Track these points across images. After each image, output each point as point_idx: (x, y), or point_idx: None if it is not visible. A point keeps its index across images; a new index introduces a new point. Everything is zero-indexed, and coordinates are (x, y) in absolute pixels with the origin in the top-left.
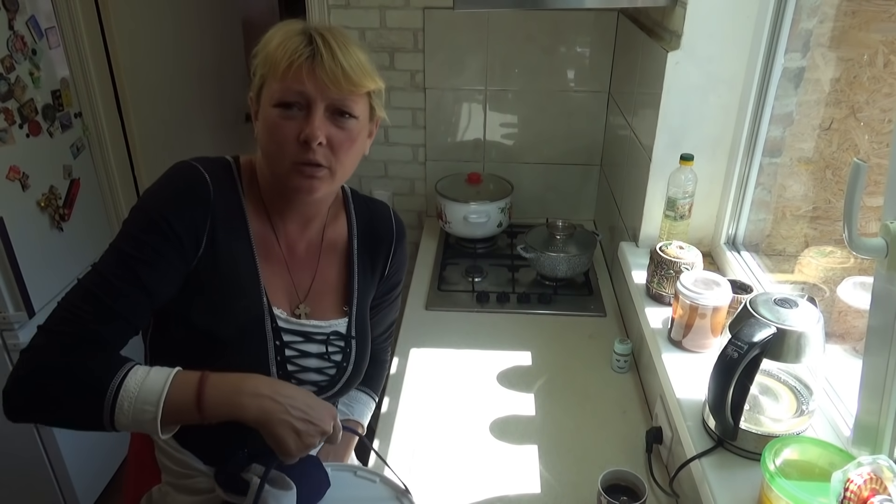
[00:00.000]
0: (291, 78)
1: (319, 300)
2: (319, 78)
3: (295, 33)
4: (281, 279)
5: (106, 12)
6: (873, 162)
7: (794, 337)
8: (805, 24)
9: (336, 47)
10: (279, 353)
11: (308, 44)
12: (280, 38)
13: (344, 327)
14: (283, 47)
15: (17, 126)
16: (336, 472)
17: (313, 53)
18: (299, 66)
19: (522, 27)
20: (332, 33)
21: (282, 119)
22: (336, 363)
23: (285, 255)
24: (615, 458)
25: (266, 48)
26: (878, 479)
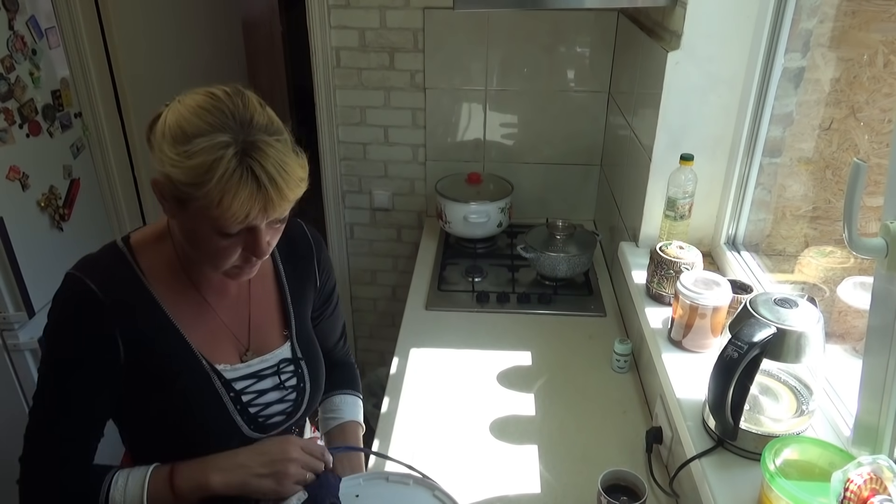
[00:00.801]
0: (240, 220)
1: (262, 334)
2: (269, 215)
3: (236, 172)
4: (218, 334)
5: (106, 12)
6: (873, 162)
7: (794, 337)
8: (805, 24)
9: (282, 183)
10: (237, 402)
11: (257, 189)
12: (221, 181)
13: (289, 351)
14: (231, 202)
15: (17, 126)
16: (368, 481)
17: (266, 201)
18: (250, 213)
19: (522, 27)
20: (277, 163)
21: (222, 241)
22: (293, 387)
23: (215, 308)
24: (615, 458)
25: (204, 184)
26: (878, 479)
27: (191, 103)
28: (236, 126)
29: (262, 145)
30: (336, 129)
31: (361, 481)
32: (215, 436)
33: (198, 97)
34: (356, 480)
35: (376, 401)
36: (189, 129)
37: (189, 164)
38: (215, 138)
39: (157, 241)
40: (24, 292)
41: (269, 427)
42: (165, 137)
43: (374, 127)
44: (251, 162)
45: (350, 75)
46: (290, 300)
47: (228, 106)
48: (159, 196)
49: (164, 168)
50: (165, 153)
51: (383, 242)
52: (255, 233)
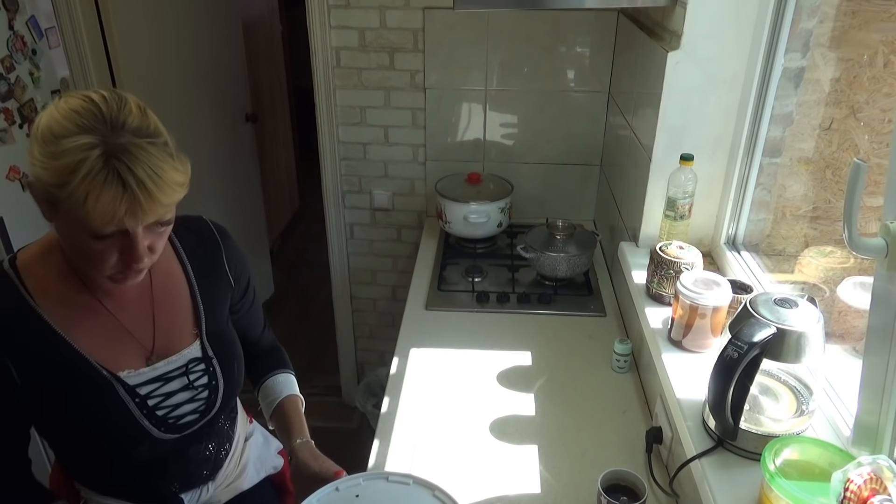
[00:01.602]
0: (108, 222)
1: (168, 335)
2: (139, 218)
3: (100, 174)
4: (119, 340)
5: (106, 12)
6: (873, 162)
7: (794, 337)
8: (805, 24)
9: (152, 186)
10: (142, 407)
11: (122, 190)
12: (84, 182)
13: (198, 350)
14: (95, 203)
15: (17, 126)
16: (368, 481)
17: (132, 203)
18: (115, 215)
19: (522, 27)
20: (147, 165)
21: (96, 244)
22: (204, 385)
23: (115, 313)
24: (615, 458)
25: (67, 185)
26: (878, 479)
27: (64, 106)
28: (105, 129)
29: (131, 148)
30: (336, 129)
31: (361, 481)
32: (125, 442)
33: (73, 100)
34: (356, 480)
35: (376, 401)
36: (57, 131)
37: (55, 165)
38: (81, 139)
39: (46, 255)
40: None
41: (182, 427)
42: (36, 139)
43: (374, 127)
44: (117, 164)
45: (350, 75)
46: (200, 297)
47: (102, 108)
48: (35, 198)
49: (34, 170)
50: (34, 154)
51: (383, 242)
52: (130, 236)
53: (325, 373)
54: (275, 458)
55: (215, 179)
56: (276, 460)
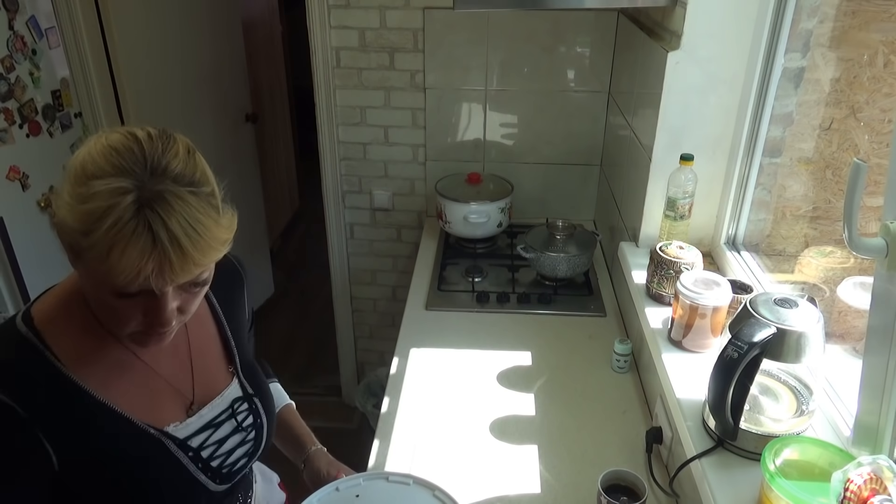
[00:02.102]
0: (131, 280)
1: (207, 379)
2: (168, 278)
3: (129, 225)
4: (160, 393)
5: (106, 12)
6: (873, 162)
7: (794, 337)
8: (805, 24)
9: (187, 243)
10: (197, 461)
11: (152, 246)
12: (110, 232)
13: (239, 389)
14: (120, 257)
15: (17, 126)
16: (368, 481)
17: (162, 261)
18: (141, 273)
19: (522, 27)
20: (184, 218)
21: (118, 301)
22: (252, 425)
23: (152, 364)
24: (615, 458)
25: (92, 233)
26: (878, 479)
27: (104, 142)
28: (144, 172)
29: (168, 196)
30: (336, 129)
31: (362, 481)
32: (182, 500)
33: (114, 136)
34: (356, 480)
35: (376, 401)
36: (90, 170)
37: (81, 210)
38: (114, 183)
39: (66, 307)
40: (24, 292)
41: (235, 474)
42: (68, 177)
43: (374, 127)
44: (149, 214)
45: (350, 75)
46: (231, 334)
47: (144, 148)
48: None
49: (60, 211)
50: (63, 193)
51: (383, 242)
52: (156, 298)
53: (325, 373)
54: (278, 493)
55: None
56: (280, 495)
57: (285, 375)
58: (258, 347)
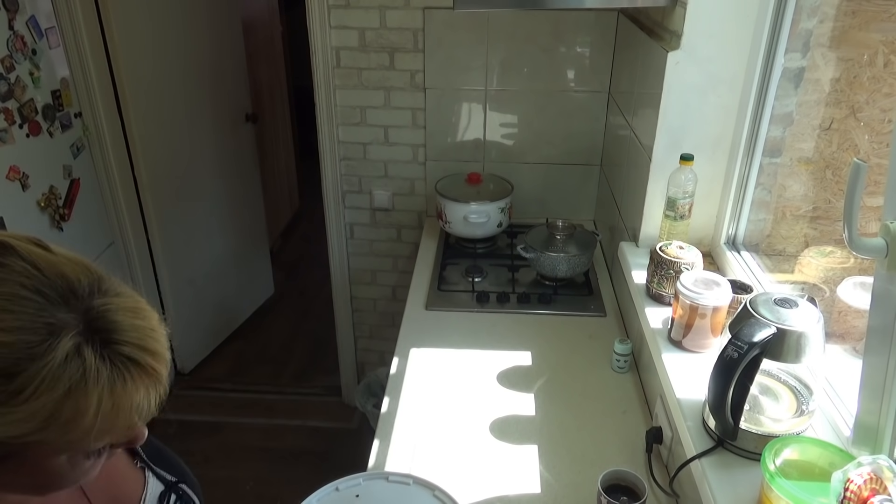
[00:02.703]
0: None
1: (114, 492)
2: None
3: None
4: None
5: (106, 12)
6: (873, 162)
7: (794, 337)
8: (805, 24)
9: (162, 367)
10: None
11: (146, 379)
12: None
13: (158, 483)
14: (118, 416)
15: (17, 126)
16: (368, 480)
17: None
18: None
19: (522, 27)
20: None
21: (87, 462)
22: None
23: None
24: (615, 458)
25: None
26: (878, 479)
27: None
28: (60, 304)
29: (109, 315)
30: (336, 129)
31: (361, 481)
32: None
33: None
34: (356, 480)
35: (376, 401)
36: (7, 361)
37: (30, 409)
38: (54, 352)
39: None
40: None
41: None
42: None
43: (374, 127)
44: (121, 350)
45: (350, 75)
46: None
47: (20, 279)
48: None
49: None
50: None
51: (383, 242)
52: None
53: (325, 373)
54: None
55: (215, 179)
56: None
57: (285, 375)
58: (256, 348)
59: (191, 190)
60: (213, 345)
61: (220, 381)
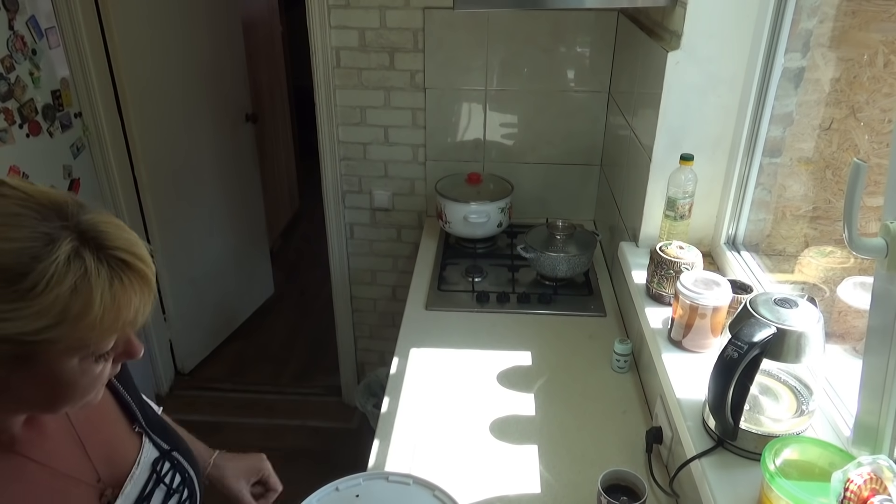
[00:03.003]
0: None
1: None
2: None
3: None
4: (66, 492)
5: (106, 12)
6: (873, 162)
7: (794, 337)
8: (805, 24)
9: (150, 272)
10: None
11: (138, 281)
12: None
13: (154, 450)
14: (120, 311)
15: (17, 126)
16: (368, 480)
17: (146, 287)
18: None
19: (522, 27)
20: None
21: (97, 367)
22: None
23: (43, 461)
24: (615, 458)
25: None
26: (878, 479)
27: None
28: (60, 218)
29: (103, 226)
30: (336, 129)
31: (361, 481)
32: None
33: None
34: (356, 480)
35: (376, 401)
36: (8, 262)
37: (41, 305)
38: (57, 253)
39: None
40: None
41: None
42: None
43: (374, 127)
44: (115, 254)
45: (350, 75)
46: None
47: (17, 203)
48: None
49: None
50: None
51: (383, 242)
52: (127, 338)
53: (325, 373)
54: None
55: (215, 179)
56: None
57: (285, 375)
58: (256, 348)
59: (191, 190)
60: (213, 345)
61: (220, 381)
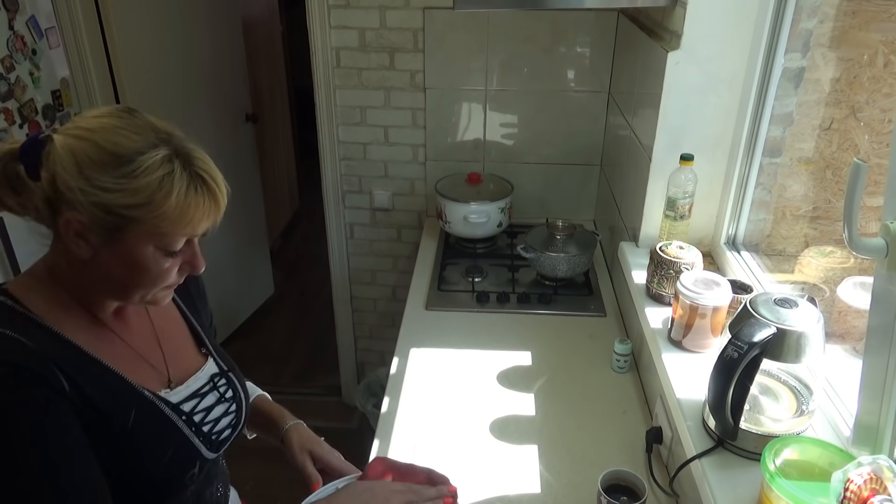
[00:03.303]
0: (192, 231)
1: (180, 360)
2: (216, 221)
3: (190, 185)
4: (139, 365)
5: (106, 12)
6: (873, 162)
7: (794, 337)
8: (805, 24)
9: (223, 185)
10: (190, 424)
11: (209, 195)
12: (179, 196)
13: (215, 366)
14: (193, 211)
15: (17, 126)
16: None
17: (215, 205)
18: (202, 221)
19: (522, 27)
20: (210, 165)
21: (166, 262)
22: (232, 398)
23: (128, 341)
24: (615, 458)
25: (158, 203)
26: (878, 479)
27: (98, 127)
28: (165, 139)
29: (194, 153)
30: (336, 129)
31: None
32: (178, 467)
33: (104, 119)
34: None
35: (376, 401)
36: (120, 150)
37: (137, 185)
38: (156, 153)
39: (40, 287)
40: None
41: (222, 443)
42: (84, 164)
43: (374, 127)
44: (196, 169)
45: (350, 75)
46: (194, 319)
47: (141, 122)
48: (76, 234)
49: (95, 198)
50: (94, 180)
51: (383, 242)
52: (194, 244)
53: (325, 373)
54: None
55: None
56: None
57: (285, 375)
58: (256, 348)
59: None
60: None
61: None
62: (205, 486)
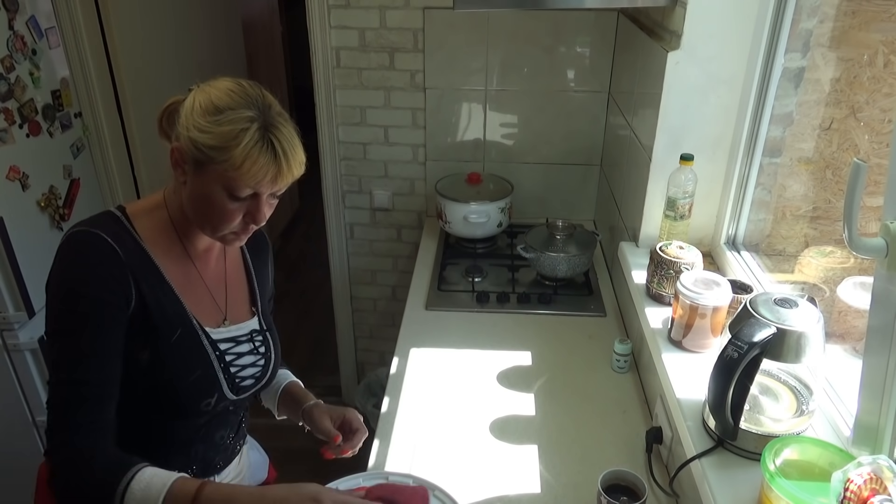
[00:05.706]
0: (254, 184)
1: (235, 306)
2: (277, 185)
3: (259, 143)
4: (203, 299)
5: (106, 12)
6: (873, 162)
7: (794, 337)
8: (805, 24)
9: (292, 158)
10: (221, 360)
11: (273, 158)
12: (246, 148)
13: (257, 325)
14: (251, 166)
15: (17, 126)
16: (368, 480)
17: (278, 170)
18: (264, 179)
19: (522, 27)
20: (290, 141)
21: (231, 204)
22: (263, 354)
23: (203, 276)
24: (615, 458)
25: (230, 149)
26: (878, 479)
27: (221, 86)
28: (259, 107)
29: (279, 125)
30: (336, 129)
31: (361, 481)
32: (198, 391)
33: (226, 83)
34: (356, 480)
35: (376, 401)
36: (220, 104)
37: (219, 131)
38: (243, 113)
39: (152, 210)
40: (23, 292)
41: (243, 389)
42: (195, 110)
43: (374, 127)
44: (271, 136)
45: (350, 75)
46: (256, 281)
47: (252, 92)
48: (176, 161)
49: (192, 133)
50: (196, 121)
51: (383, 242)
52: (259, 200)
53: (325, 373)
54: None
55: None
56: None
57: None
58: None
59: None
60: None
61: None
62: (217, 426)
